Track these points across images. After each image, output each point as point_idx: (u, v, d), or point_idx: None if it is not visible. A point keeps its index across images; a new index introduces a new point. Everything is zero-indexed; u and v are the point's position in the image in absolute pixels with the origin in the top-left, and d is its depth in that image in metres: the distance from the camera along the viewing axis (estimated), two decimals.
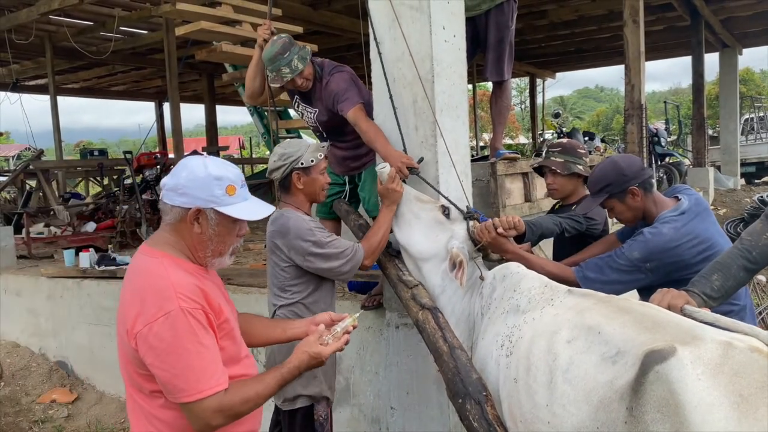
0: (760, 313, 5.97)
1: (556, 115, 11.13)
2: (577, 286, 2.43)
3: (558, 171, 2.96)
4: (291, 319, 2.49)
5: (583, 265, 2.52)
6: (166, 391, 1.63)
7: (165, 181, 1.72)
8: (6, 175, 10.30)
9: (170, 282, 1.63)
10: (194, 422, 1.63)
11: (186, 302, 1.60)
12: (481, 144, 18.08)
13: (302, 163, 2.60)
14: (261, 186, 12.80)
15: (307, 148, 2.64)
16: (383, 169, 2.72)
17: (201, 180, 1.68)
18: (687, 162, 11.29)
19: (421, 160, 2.85)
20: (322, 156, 2.66)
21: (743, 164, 13.92)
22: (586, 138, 9.92)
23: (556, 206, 3.23)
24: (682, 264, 2.37)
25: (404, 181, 2.77)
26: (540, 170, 3.18)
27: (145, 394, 1.69)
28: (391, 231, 2.77)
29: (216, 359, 1.64)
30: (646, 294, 2.48)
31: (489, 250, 2.64)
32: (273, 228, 2.61)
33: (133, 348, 1.62)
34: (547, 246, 3.36)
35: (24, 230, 7.13)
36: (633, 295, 2.65)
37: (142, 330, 1.58)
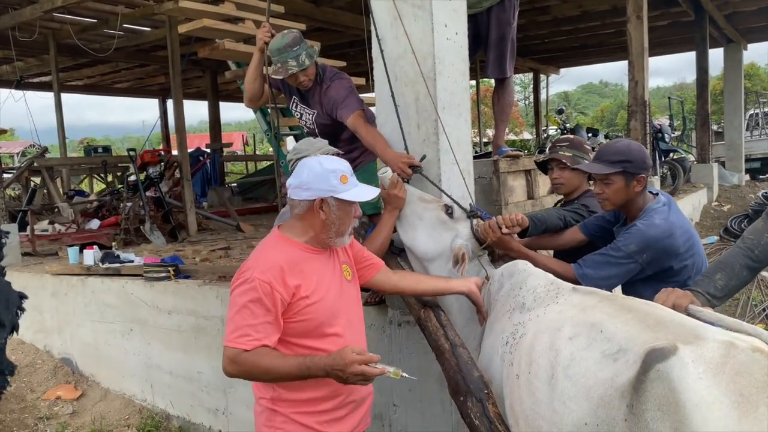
0: (764, 309, 5.96)
1: (560, 112, 11.11)
2: (579, 282, 2.46)
3: (567, 164, 2.96)
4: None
5: (581, 262, 2.53)
6: None
7: (290, 181, 2.04)
8: (11, 172, 10.29)
9: (261, 258, 1.99)
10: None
11: (259, 275, 1.91)
12: (485, 140, 18.03)
13: None
14: (264, 183, 12.73)
15: (317, 149, 2.66)
16: (384, 174, 2.71)
17: (320, 174, 1.98)
18: (691, 158, 11.22)
19: (423, 157, 2.84)
20: None
21: (748, 160, 13.82)
22: (590, 134, 9.89)
23: (558, 204, 3.22)
24: (674, 252, 2.43)
25: (407, 181, 2.76)
26: (543, 166, 3.17)
27: None
28: (395, 231, 2.77)
29: (255, 326, 1.90)
30: (644, 286, 2.50)
31: (494, 249, 2.64)
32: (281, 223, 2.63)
33: None
34: None
35: (28, 227, 7.15)
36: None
37: (234, 282, 1.98)
